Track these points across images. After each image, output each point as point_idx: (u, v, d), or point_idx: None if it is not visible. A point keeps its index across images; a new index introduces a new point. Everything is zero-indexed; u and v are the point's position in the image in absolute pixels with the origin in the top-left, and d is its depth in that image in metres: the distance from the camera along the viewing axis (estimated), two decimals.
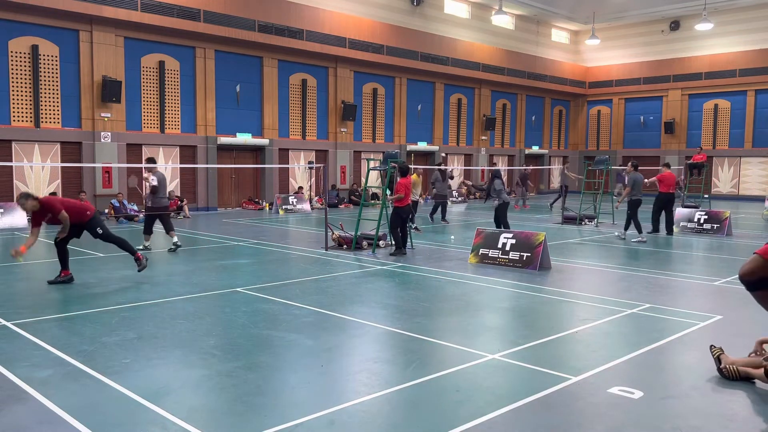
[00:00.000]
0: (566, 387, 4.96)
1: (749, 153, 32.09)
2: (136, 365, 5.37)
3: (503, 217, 13.97)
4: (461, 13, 30.52)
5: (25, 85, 18.27)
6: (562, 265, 10.84)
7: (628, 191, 14.61)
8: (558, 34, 36.48)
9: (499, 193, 13.84)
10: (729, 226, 15.70)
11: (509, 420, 4.33)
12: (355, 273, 10.09)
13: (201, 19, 20.56)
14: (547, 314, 7.49)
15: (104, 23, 19.09)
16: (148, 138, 20.68)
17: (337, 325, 6.82)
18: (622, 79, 36.01)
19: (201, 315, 7.16)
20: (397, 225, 11.97)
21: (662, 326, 6.88)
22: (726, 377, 5.13)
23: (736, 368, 5.09)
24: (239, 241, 13.74)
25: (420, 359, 5.66)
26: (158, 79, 20.80)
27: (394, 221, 12.01)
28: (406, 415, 4.43)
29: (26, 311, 7.26)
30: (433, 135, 30.01)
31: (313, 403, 4.59)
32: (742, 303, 8.03)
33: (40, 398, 4.60)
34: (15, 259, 8.51)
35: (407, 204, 12.16)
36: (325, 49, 23.99)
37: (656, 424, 4.30)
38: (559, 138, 37.67)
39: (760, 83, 31.34)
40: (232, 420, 4.28)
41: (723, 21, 31.68)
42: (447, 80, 30.04)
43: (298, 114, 24.68)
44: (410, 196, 12.48)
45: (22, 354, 5.64)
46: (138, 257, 9.21)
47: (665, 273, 10.35)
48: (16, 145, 18.23)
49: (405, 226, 12.21)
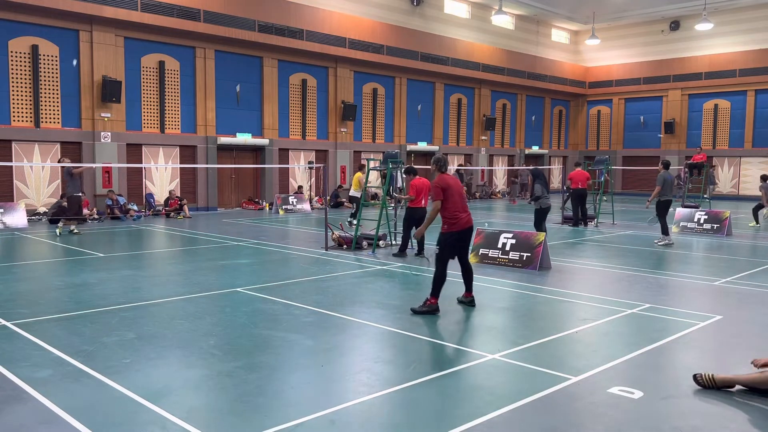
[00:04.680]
0: (566, 387, 4.96)
1: (749, 153, 32.08)
2: (136, 365, 5.37)
3: (537, 223, 13.07)
4: (461, 13, 30.52)
5: (25, 85, 18.27)
6: (562, 265, 10.84)
7: (658, 191, 13.58)
8: (558, 34, 36.48)
9: (536, 198, 12.94)
10: (729, 226, 15.70)
11: (509, 420, 4.33)
12: (355, 273, 10.09)
13: (201, 19, 20.56)
14: (547, 314, 7.49)
15: (104, 23, 19.09)
16: (148, 138, 20.68)
17: (337, 325, 6.82)
18: (622, 79, 36.02)
19: (201, 315, 7.16)
20: (408, 226, 11.78)
21: (662, 326, 6.88)
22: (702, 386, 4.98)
23: (711, 375, 4.97)
24: (239, 241, 13.74)
25: (420, 359, 5.66)
26: (158, 79, 20.80)
27: (406, 222, 11.82)
28: (406, 415, 4.43)
29: (26, 311, 7.26)
30: (433, 135, 30.01)
31: (313, 403, 4.59)
32: (742, 303, 8.03)
33: (40, 398, 4.60)
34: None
35: (421, 206, 11.64)
36: (325, 49, 23.99)
37: (656, 424, 4.30)
38: (559, 138, 37.67)
39: (760, 83, 31.34)
40: (232, 420, 4.28)
41: (723, 21, 31.68)
42: (447, 80, 30.04)
43: (298, 114, 24.68)
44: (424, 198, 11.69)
45: (22, 354, 5.64)
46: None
47: (665, 273, 10.35)
48: (16, 145, 18.23)
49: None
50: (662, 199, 13.61)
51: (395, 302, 7.94)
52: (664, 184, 13.58)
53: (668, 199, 13.66)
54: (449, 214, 7.31)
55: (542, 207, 13.03)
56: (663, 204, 13.63)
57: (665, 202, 13.62)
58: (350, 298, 8.17)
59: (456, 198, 7.36)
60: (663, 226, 13.81)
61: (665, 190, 13.60)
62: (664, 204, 13.62)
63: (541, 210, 13.06)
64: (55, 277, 9.58)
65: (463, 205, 7.41)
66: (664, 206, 13.63)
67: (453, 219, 7.30)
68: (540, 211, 13.07)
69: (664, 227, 13.80)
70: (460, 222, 7.32)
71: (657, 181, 13.72)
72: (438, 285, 7.27)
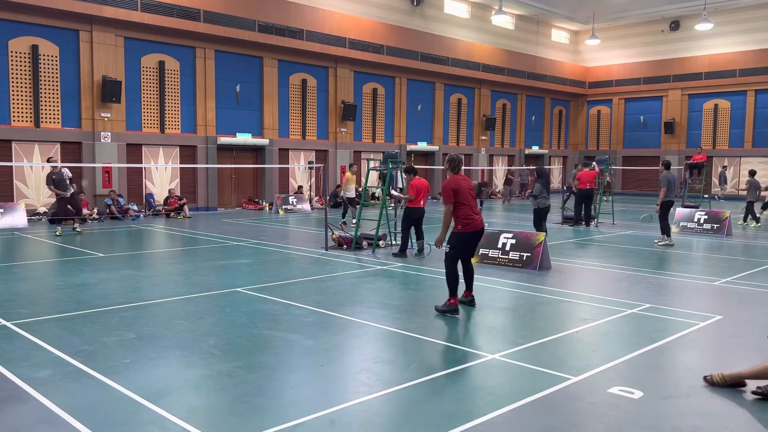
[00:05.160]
0: (566, 387, 4.96)
1: (749, 153, 32.07)
2: (136, 365, 5.37)
3: (536, 223, 13.02)
4: (461, 13, 30.52)
5: (25, 85, 18.27)
6: (562, 265, 10.84)
7: (665, 192, 13.41)
8: (558, 34, 36.48)
9: (534, 198, 12.91)
10: (729, 227, 15.70)
11: (509, 420, 4.33)
12: (355, 273, 10.09)
13: (201, 19, 20.55)
14: (547, 314, 7.49)
15: (104, 23, 19.09)
16: (148, 138, 20.68)
17: (337, 325, 6.82)
18: (622, 79, 36.01)
19: (201, 315, 7.16)
20: (406, 227, 11.80)
21: (662, 326, 6.88)
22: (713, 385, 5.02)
23: (722, 374, 5.01)
24: (239, 241, 13.74)
25: (420, 359, 5.66)
26: (158, 79, 20.80)
27: (404, 222, 11.85)
28: (406, 415, 4.43)
29: (26, 311, 7.26)
30: (433, 135, 30.00)
31: (313, 403, 4.59)
32: (742, 303, 8.03)
33: (40, 398, 4.60)
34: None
35: (419, 206, 11.65)
36: (325, 49, 23.99)
37: (656, 424, 4.30)
38: (559, 138, 37.67)
39: (760, 83, 31.33)
40: (232, 420, 4.28)
41: (723, 21, 31.68)
42: (447, 80, 30.04)
43: (298, 114, 24.68)
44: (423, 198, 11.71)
45: (22, 354, 5.64)
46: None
47: (665, 273, 10.35)
48: (16, 145, 18.23)
49: (420, 228, 11.84)
50: (664, 200, 13.53)
51: (395, 302, 7.94)
52: (669, 185, 13.48)
53: (670, 200, 13.61)
54: (463, 215, 7.23)
55: (540, 207, 12.99)
56: (665, 204, 13.55)
57: (667, 202, 13.55)
58: (350, 298, 8.17)
59: (469, 199, 7.28)
60: (664, 227, 13.75)
61: (668, 191, 13.51)
62: (666, 204, 13.55)
63: (540, 210, 13.02)
64: (55, 277, 9.59)
65: (473, 206, 7.34)
66: (666, 206, 13.57)
67: (467, 219, 7.23)
68: (538, 211, 13.03)
69: (665, 227, 13.75)
70: (475, 223, 7.25)
71: (661, 183, 13.57)
72: (452, 284, 7.26)
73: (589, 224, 17.62)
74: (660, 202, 13.60)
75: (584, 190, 17.39)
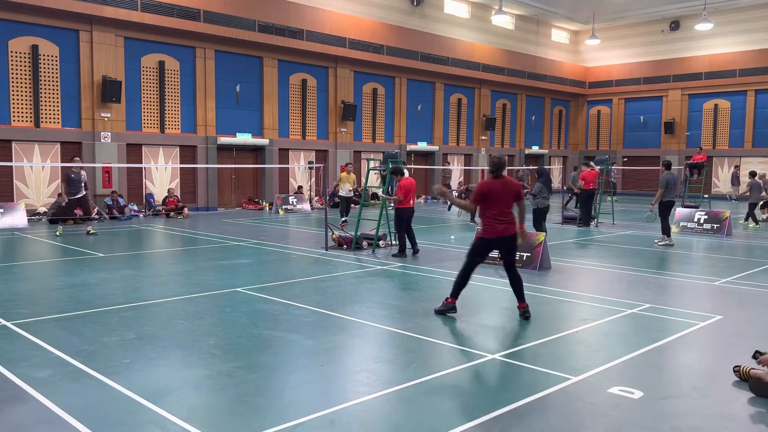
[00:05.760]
0: (566, 387, 4.96)
1: (749, 153, 32.07)
2: (136, 365, 5.37)
3: (536, 223, 12.95)
4: (461, 13, 30.52)
5: (25, 85, 18.27)
6: (562, 265, 10.84)
7: (661, 193, 13.36)
8: (558, 34, 36.48)
9: (533, 197, 12.76)
10: (729, 227, 15.70)
11: (509, 420, 4.33)
12: (355, 273, 10.09)
13: (201, 19, 20.56)
14: (547, 314, 7.49)
15: (104, 23, 19.09)
16: (148, 138, 20.68)
17: (337, 325, 6.82)
18: (622, 79, 36.01)
19: (201, 315, 7.16)
20: (400, 227, 11.82)
21: (662, 326, 6.88)
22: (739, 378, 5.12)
23: (747, 370, 5.06)
24: (239, 241, 13.74)
25: (420, 359, 5.66)
26: (158, 79, 20.80)
27: (397, 223, 11.90)
28: (406, 415, 4.43)
29: (26, 311, 7.26)
30: (433, 135, 30.00)
31: (313, 403, 4.59)
32: (742, 303, 8.03)
33: (40, 398, 4.60)
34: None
35: (409, 206, 11.72)
36: (325, 49, 23.99)
37: (656, 424, 4.30)
38: (559, 138, 37.67)
39: (760, 83, 31.33)
40: (232, 420, 4.28)
41: (723, 21, 31.68)
42: (447, 80, 30.04)
43: (298, 114, 24.68)
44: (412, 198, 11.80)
45: (22, 354, 5.64)
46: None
47: (665, 273, 10.35)
48: (16, 145, 18.23)
49: (410, 228, 11.92)
50: (665, 200, 13.49)
51: (395, 302, 7.94)
52: (667, 185, 13.44)
53: (671, 200, 13.57)
54: (486, 221, 7.10)
55: (539, 207, 12.96)
56: (665, 204, 13.53)
57: (668, 202, 13.51)
58: (350, 298, 8.17)
59: (499, 204, 7.01)
60: (664, 227, 13.74)
61: (668, 191, 13.48)
62: (667, 204, 13.53)
63: (539, 210, 12.99)
64: (55, 277, 9.58)
65: (503, 213, 7.05)
66: (667, 207, 13.54)
67: (488, 226, 7.11)
68: (538, 210, 13.01)
69: (665, 227, 13.73)
70: (494, 230, 7.08)
71: (660, 184, 13.53)
72: (457, 286, 7.25)
73: (589, 224, 17.65)
74: (655, 201, 13.57)
75: (587, 190, 17.47)
